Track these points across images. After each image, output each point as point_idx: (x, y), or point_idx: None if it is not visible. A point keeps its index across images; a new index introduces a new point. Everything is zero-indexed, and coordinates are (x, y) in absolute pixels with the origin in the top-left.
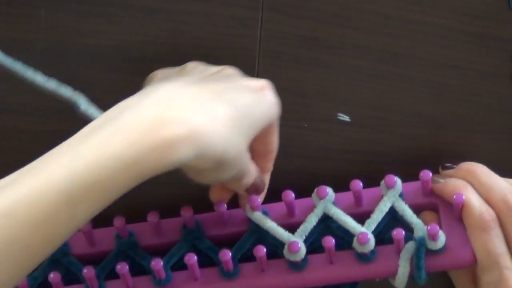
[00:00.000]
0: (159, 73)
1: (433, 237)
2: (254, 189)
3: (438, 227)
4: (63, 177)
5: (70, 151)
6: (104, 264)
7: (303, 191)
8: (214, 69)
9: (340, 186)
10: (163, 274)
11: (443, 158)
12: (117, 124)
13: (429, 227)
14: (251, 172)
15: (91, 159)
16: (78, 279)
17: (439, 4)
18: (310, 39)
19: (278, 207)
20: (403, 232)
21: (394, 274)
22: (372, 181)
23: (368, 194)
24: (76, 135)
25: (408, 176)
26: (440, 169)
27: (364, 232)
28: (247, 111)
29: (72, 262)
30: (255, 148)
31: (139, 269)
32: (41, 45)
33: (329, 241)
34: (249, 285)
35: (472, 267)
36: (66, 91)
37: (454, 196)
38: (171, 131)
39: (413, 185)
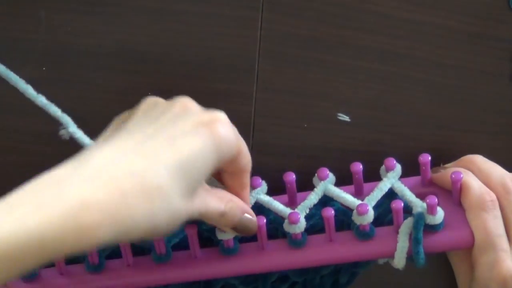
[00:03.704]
0: (114, 123)
1: (432, 209)
2: (242, 229)
3: (436, 199)
4: None
5: None
6: None
7: (303, 191)
8: (163, 110)
9: (340, 186)
10: (163, 250)
11: (443, 158)
12: (40, 201)
13: (427, 200)
14: (229, 208)
15: (7, 231)
16: None
17: (439, 4)
18: (310, 39)
19: (279, 199)
20: (402, 203)
21: (393, 252)
22: (372, 181)
23: (368, 187)
24: (4, 200)
25: (408, 176)
26: (441, 165)
27: (364, 203)
28: (190, 161)
29: None
30: (225, 169)
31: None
32: (41, 45)
33: (328, 212)
34: (249, 262)
35: (470, 252)
36: (55, 111)
37: (453, 175)
38: (90, 218)
39: (412, 179)
